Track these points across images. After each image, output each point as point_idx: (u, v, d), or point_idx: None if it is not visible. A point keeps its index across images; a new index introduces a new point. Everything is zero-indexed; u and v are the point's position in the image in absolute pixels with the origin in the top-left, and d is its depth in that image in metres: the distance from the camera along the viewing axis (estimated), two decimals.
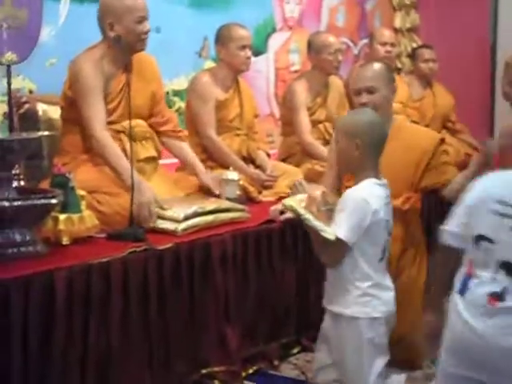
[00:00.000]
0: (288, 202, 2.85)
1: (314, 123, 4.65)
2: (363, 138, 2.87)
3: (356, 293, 2.84)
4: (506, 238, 2.29)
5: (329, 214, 2.81)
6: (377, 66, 3.55)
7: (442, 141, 3.56)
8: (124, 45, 3.40)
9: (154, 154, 3.63)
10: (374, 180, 2.88)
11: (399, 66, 6.26)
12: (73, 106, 3.44)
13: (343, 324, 2.86)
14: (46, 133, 3.31)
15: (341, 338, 2.87)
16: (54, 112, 3.76)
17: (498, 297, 2.27)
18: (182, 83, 4.32)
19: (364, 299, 2.84)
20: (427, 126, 5.40)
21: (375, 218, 2.80)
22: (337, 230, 2.74)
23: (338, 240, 2.73)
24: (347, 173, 3.04)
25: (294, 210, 2.77)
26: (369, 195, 2.81)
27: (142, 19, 3.42)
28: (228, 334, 3.27)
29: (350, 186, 3.49)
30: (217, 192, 3.70)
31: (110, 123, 3.43)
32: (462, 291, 2.36)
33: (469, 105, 6.13)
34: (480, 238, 2.35)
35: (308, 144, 4.54)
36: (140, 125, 3.57)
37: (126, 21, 3.38)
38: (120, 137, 3.43)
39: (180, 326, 3.09)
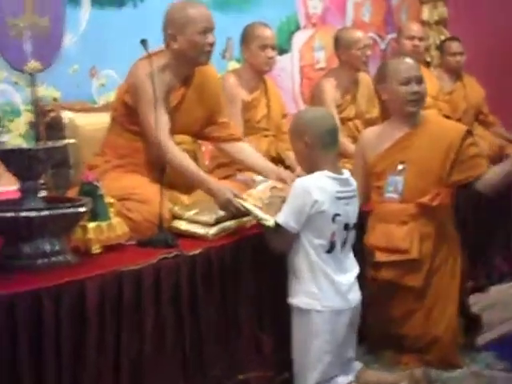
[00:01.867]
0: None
1: (344, 121, 4.66)
2: (309, 135, 2.98)
3: (304, 282, 2.94)
4: None
5: (274, 206, 3.04)
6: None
7: (469, 133, 3.53)
8: (185, 57, 3.35)
9: None
10: (326, 173, 2.97)
11: (428, 59, 6.23)
12: (128, 111, 3.41)
13: (294, 314, 2.98)
14: (72, 141, 3.33)
15: (293, 329, 2.99)
16: (80, 119, 3.79)
17: None
18: None
19: (311, 290, 2.94)
20: (459, 119, 5.42)
21: (317, 210, 2.90)
22: (278, 216, 2.91)
23: (279, 226, 2.91)
24: (309, 172, 3.08)
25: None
26: (312, 186, 2.92)
27: (206, 30, 3.33)
28: (263, 340, 3.27)
29: (380, 186, 3.52)
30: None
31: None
32: None
33: (500, 97, 6.06)
34: None
35: None
36: (185, 141, 3.53)
37: (188, 32, 3.31)
38: None
39: (214, 332, 3.09)
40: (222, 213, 3.26)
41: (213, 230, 3.22)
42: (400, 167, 3.48)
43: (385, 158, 3.53)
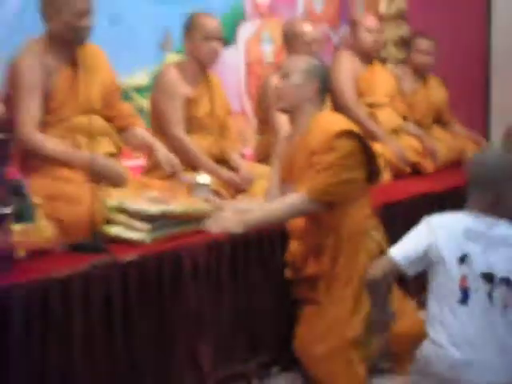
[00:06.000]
0: None
1: None
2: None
3: None
4: None
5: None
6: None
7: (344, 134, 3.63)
8: (62, 38, 3.60)
9: (112, 149, 3.81)
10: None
11: (384, 55, 6.35)
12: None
13: None
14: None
15: None
16: None
17: None
18: (142, 78, 4.44)
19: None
20: (418, 120, 5.77)
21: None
22: None
23: None
24: None
25: None
26: None
27: (83, 13, 3.59)
28: (202, 354, 3.41)
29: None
30: (168, 169, 3.92)
31: (60, 121, 3.62)
32: None
33: (461, 97, 6.37)
34: None
35: None
36: (95, 120, 3.71)
37: (65, 14, 3.57)
38: (73, 135, 3.63)
39: (148, 347, 3.21)
40: (158, 209, 3.40)
41: (150, 235, 3.35)
42: None
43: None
